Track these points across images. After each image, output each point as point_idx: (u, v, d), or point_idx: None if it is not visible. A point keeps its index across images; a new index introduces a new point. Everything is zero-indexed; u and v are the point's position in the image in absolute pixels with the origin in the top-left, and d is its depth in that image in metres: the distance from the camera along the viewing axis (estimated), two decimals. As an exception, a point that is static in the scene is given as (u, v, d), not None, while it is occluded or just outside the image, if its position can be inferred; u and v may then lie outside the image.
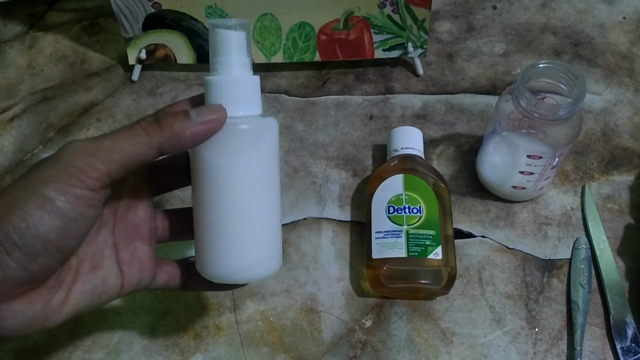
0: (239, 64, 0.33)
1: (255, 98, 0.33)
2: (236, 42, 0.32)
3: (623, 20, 0.64)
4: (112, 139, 0.29)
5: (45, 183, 0.28)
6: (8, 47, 0.65)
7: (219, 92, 0.32)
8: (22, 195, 0.28)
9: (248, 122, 0.32)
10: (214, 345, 0.47)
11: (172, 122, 0.30)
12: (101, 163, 0.29)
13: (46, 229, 0.28)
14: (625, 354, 0.45)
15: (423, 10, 0.56)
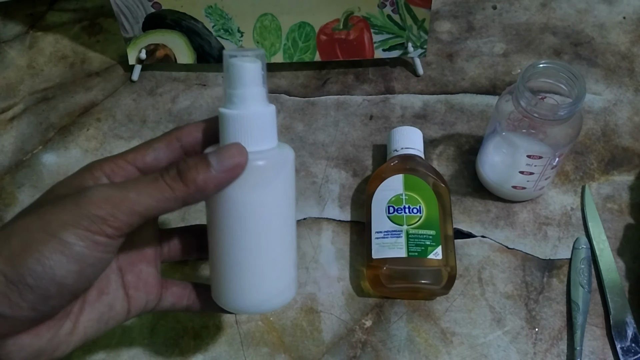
0: (256, 96, 0.32)
1: (272, 130, 0.33)
2: (252, 74, 0.31)
3: (623, 20, 0.64)
4: (137, 191, 0.29)
5: (65, 227, 0.27)
6: (8, 47, 0.65)
7: (236, 128, 0.31)
8: (40, 237, 0.27)
9: (265, 157, 0.32)
10: (214, 345, 0.47)
11: (195, 176, 0.29)
12: (124, 215, 0.29)
13: (63, 273, 0.28)
14: (625, 354, 0.45)
15: (423, 10, 0.56)
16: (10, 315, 0.28)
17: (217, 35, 0.59)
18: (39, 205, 0.30)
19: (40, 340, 0.30)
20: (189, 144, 0.34)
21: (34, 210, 0.29)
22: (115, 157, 0.33)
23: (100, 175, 0.32)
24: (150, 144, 0.33)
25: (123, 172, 0.32)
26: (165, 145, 0.33)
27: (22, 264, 0.27)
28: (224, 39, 0.59)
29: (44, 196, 0.32)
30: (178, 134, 0.33)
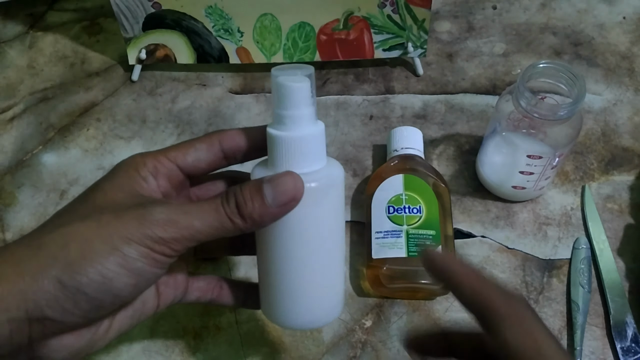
0: (306, 117, 0.31)
1: (322, 150, 0.32)
2: (302, 94, 0.31)
3: (623, 20, 0.64)
4: (201, 220, 0.29)
5: (129, 243, 0.28)
6: (8, 47, 0.65)
7: (286, 151, 0.31)
8: (102, 249, 0.27)
9: (317, 178, 0.31)
10: (214, 345, 0.47)
11: (252, 212, 0.30)
12: (186, 240, 0.29)
13: (120, 286, 0.28)
14: (625, 354, 0.45)
15: (423, 10, 0.56)
16: (60, 320, 0.28)
17: (217, 35, 0.59)
18: (93, 207, 0.30)
19: (82, 340, 0.31)
20: (229, 149, 0.34)
21: (91, 216, 0.29)
22: (158, 153, 0.33)
23: (146, 174, 0.32)
24: (192, 144, 0.34)
25: (165, 170, 0.33)
26: (206, 147, 0.33)
27: (81, 272, 0.27)
28: (224, 39, 0.59)
29: (91, 194, 0.31)
30: (220, 137, 0.34)
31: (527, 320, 0.26)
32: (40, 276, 0.27)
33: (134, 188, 0.31)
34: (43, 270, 0.27)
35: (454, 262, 0.30)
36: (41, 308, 0.27)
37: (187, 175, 0.34)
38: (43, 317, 0.27)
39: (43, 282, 0.27)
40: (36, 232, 0.29)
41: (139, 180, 0.32)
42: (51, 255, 0.27)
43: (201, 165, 0.33)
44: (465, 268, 0.29)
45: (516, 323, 0.26)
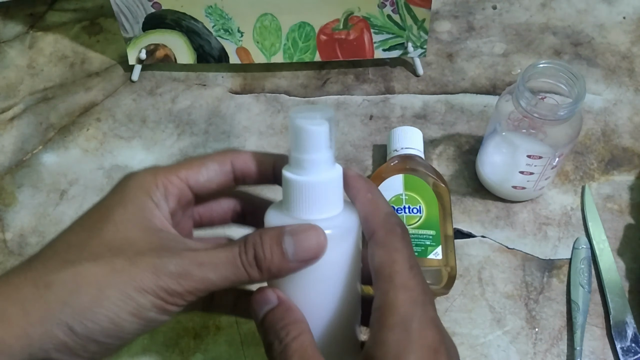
0: (323, 161, 0.30)
1: (339, 194, 0.31)
2: (320, 137, 0.30)
3: (623, 20, 0.64)
4: (216, 273, 0.28)
5: (143, 294, 0.27)
6: (8, 47, 0.65)
7: (303, 196, 0.30)
8: (115, 297, 0.27)
9: (333, 225, 0.30)
10: (214, 345, 0.47)
11: (270, 266, 0.29)
12: (199, 292, 0.29)
13: (131, 332, 0.28)
14: (625, 354, 0.45)
15: (423, 10, 0.56)
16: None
17: (217, 35, 0.59)
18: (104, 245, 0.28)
19: None
20: (240, 171, 0.33)
21: (104, 257, 0.28)
22: (169, 172, 0.31)
23: (159, 199, 0.30)
24: (203, 162, 0.32)
25: (176, 191, 0.31)
26: (219, 167, 0.32)
27: (93, 319, 0.27)
28: (224, 39, 0.59)
29: (101, 225, 0.29)
30: (233, 158, 0.32)
31: (392, 246, 0.28)
32: (48, 321, 0.26)
33: (147, 219, 0.30)
34: (52, 315, 0.26)
35: (356, 183, 0.31)
36: (47, 352, 0.26)
37: (195, 194, 0.33)
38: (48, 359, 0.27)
39: (52, 327, 0.26)
40: (40, 265, 0.28)
41: (151, 208, 0.30)
42: (61, 298, 0.26)
43: (212, 186, 0.32)
44: (362, 192, 0.31)
45: (383, 246, 0.28)
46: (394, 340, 0.25)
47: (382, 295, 0.27)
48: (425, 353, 0.26)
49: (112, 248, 0.28)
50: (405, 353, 0.25)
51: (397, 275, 0.27)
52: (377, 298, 0.27)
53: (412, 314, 0.26)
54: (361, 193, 0.31)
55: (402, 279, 0.27)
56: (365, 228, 0.30)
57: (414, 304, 0.27)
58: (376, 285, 0.28)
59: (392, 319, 0.26)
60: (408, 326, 0.26)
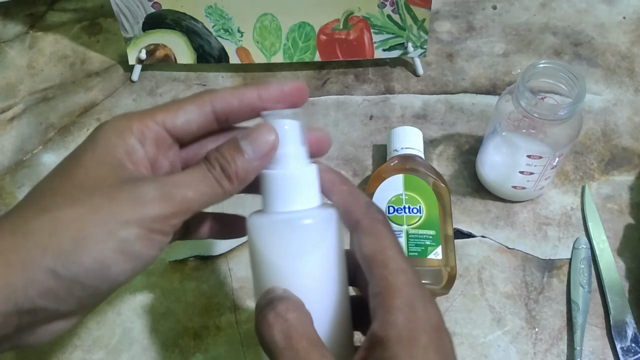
0: (297, 155, 0.31)
1: (314, 190, 0.31)
2: (292, 132, 0.31)
3: (623, 20, 0.64)
4: (194, 190, 0.28)
5: (126, 227, 0.27)
6: (8, 47, 0.65)
7: (278, 188, 0.30)
8: (98, 235, 0.26)
9: (311, 215, 0.30)
10: (214, 345, 0.47)
11: (236, 170, 0.29)
12: (182, 214, 0.28)
13: (118, 271, 0.27)
14: (625, 354, 0.45)
15: (423, 10, 0.56)
16: (54, 308, 0.27)
17: (217, 35, 0.59)
18: (77, 187, 0.28)
19: (71, 323, 0.30)
20: (221, 111, 0.32)
21: (80, 199, 0.27)
22: (143, 116, 0.31)
23: (133, 141, 0.30)
24: (181, 105, 0.31)
25: (153, 135, 0.30)
26: (197, 108, 0.31)
27: (76, 261, 0.26)
28: (224, 39, 0.59)
29: (70, 169, 0.29)
30: (211, 98, 0.32)
31: (380, 233, 0.29)
32: (30, 267, 0.25)
33: (116, 159, 0.29)
34: (33, 261, 0.25)
35: (329, 176, 0.31)
36: (32, 299, 0.26)
37: (175, 139, 0.32)
38: (35, 308, 0.26)
39: (34, 274, 0.25)
40: (16, 216, 0.27)
41: (121, 151, 0.29)
42: (41, 244, 0.26)
43: (191, 128, 0.31)
44: (338, 185, 0.31)
45: (372, 234, 0.29)
46: (403, 321, 0.26)
47: (381, 280, 0.27)
48: (433, 331, 0.26)
49: (86, 189, 0.27)
50: (416, 332, 0.26)
51: (391, 260, 0.28)
52: (374, 284, 0.28)
53: (415, 295, 0.27)
54: (337, 185, 0.31)
55: (397, 263, 0.28)
56: (347, 219, 0.30)
57: (414, 286, 0.27)
58: (371, 273, 0.28)
59: (398, 301, 0.26)
60: (414, 307, 0.26)
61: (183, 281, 0.50)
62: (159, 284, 0.50)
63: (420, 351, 0.25)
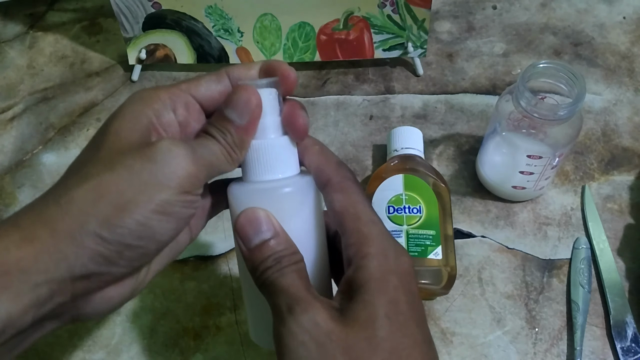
0: (274, 125, 0.32)
1: (293, 158, 0.32)
2: (267, 101, 0.31)
3: (623, 20, 0.64)
4: (212, 153, 0.30)
5: (164, 190, 0.28)
6: (8, 47, 0.65)
7: (257, 157, 0.31)
8: (138, 199, 0.27)
9: (290, 184, 0.31)
10: (214, 345, 0.47)
11: (233, 140, 0.30)
12: (208, 176, 0.30)
13: (162, 231, 0.28)
14: (625, 354, 0.45)
15: (423, 10, 0.56)
16: (107, 272, 0.28)
17: (217, 35, 0.59)
18: (115, 153, 0.29)
19: (126, 290, 0.30)
20: (236, 80, 0.34)
21: (120, 163, 0.28)
22: (169, 87, 0.33)
23: (160, 107, 0.31)
24: (202, 77, 0.34)
25: (182, 100, 0.32)
26: (216, 78, 0.34)
27: (120, 224, 0.27)
28: (224, 39, 0.59)
29: (104, 138, 0.30)
30: (227, 69, 0.34)
31: (350, 189, 0.31)
32: (77, 234, 0.26)
33: (146, 125, 0.30)
34: (80, 228, 0.26)
35: (307, 145, 0.33)
36: (85, 264, 0.27)
37: (201, 106, 0.34)
38: (88, 273, 0.27)
39: (82, 239, 0.26)
40: (60, 187, 0.28)
41: (150, 115, 0.31)
42: (85, 211, 0.27)
43: (214, 95, 0.33)
44: (310, 146, 0.33)
45: (342, 191, 0.31)
46: (376, 265, 0.28)
47: (354, 232, 0.29)
48: (403, 276, 0.29)
49: (122, 153, 0.29)
50: (388, 274, 0.28)
51: (363, 214, 0.30)
52: (347, 236, 0.30)
53: (387, 244, 0.29)
54: (309, 147, 0.33)
55: (368, 216, 0.30)
56: (319, 177, 0.32)
57: (385, 236, 0.30)
58: (344, 225, 0.30)
59: (371, 249, 0.29)
60: (387, 254, 0.29)
61: (183, 281, 0.50)
62: (159, 284, 0.50)
63: (390, 290, 0.28)
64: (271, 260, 0.29)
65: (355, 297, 0.28)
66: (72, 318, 0.29)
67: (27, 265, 0.26)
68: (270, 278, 0.29)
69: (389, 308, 0.27)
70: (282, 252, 0.30)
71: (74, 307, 0.29)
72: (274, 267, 0.29)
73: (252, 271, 0.30)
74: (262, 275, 0.29)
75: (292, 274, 0.29)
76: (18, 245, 0.26)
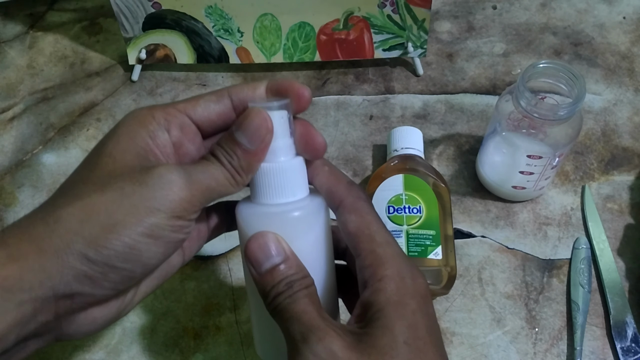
0: (284, 147, 0.31)
1: (303, 180, 0.32)
2: (279, 123, 0.31)
3: (623, 20, 0.64)
4: (215, 179, 0.30)
5: (154, 213, 0.27)
6: (8, 47, 0.65)
7: (267, 180, 0.31)
8: (127, 221, 0.27)
9: (299, 207, 0.31)
10: (214, 345, 0.47)
11: (240, 164, 0.30)
12: (205, 201, 0.30)
13: (150, 255, 0.28)
14: (625, 354, 0.45)
15: (423, 10, 0.56)
16: (90, 293, 0.28)
17: (217, 35, 0.59)
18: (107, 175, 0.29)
19: (110, 311, 0.30)
20: (238, 100, 0.33)
21: (110, 185, 0.28)
22: (165, 105, 0.32)
23: (155, 128, 0.31)
24: (201, 96, 0.33)
25: (177, 121, 0.31)
26: (216, 98, 0.33)
27: (107, 246, 0.27)
28: (224, 39, 0.59)
29: (98, 159, 0.30)
30: (229, 89, 0.33)
31: (363, 210, 0.31)
32: (63, 253, 0.26)
33: (142, 147, 0.30)
34: (66, 247, 0.26)
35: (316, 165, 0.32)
36: (69, 283, 0.26)
37: (198, 127, 0.33)
38: (71, 293, 0.27)
39: (67, 258, 0.26)
40: (48, 205, 0.28)
41: (145, 136, 0.30)
42: (72, 230, 0.26)
43: (212, 116, 0.32)
44: (320, 167, 0.32)
45: (355, 212, 0.31)
46: (393, 288, 0.28)
47: (370, 253, 0.29)
48: (421, 299, 0.29)
49: (115, 176, 0.28)
50: (406, 297, 0.28)
51: (377, 235, 0.30)
52: (362, 258, 0.29)
53: (403, 266, 0.29)
54: (318, 168, 0.32)
55: (383, 237, 0.30)
56: (331, 199, 0.32)
57: (401, 257, 0.29)
58: (358, 247, 0.30)
59: (388, 271, 0.28)
60: (403, 276, 0.29)
61: (183, 281, 0.50)
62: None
63: (408, 313, 0.28)
64: (282, 285, 0.29)
65: (373, 323, 0.27)
66: (56, 338, 0.29)
67: (11, 284, 0.26)
68: (282, 304, 0.29)
69: (408, 334, 0.27)
70: (293, 276, 0.29)
71: (57, 327, 0.28)
72: (286, 292, 0.29)
73: (264, 296, 0.30)
74: (274, 301, 0.29)
75: (304, 299, 0.29)
76: (3, 264, 0.26)
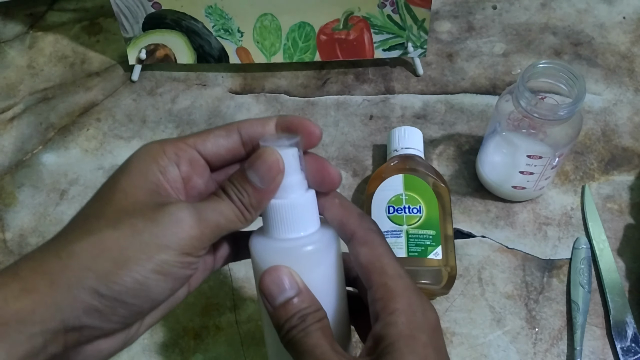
0: (295, 183, 0.32)
1: (314, 214, 0.33)
2: (290, 161, 0.31)
3: (623, 20, 0.64)
4: (224, 217, 0.30)
5: (164, 250, 0.28)
6: (8, 47, 0.65)
7: (280, 216, 0.32)
8: (138, 258, 0.28)
9: (311, 242, 0.32)
10: (214, 345, 0.47)
11: (250, 202, 0.31)
12: (213, 237, 0.30)
13: (159, 291, 0.29)
14: (625, 354, 0.45)
15: (423, 10, 0.56)
16: (99, 327, 0.28)
17: (217, 35, 0.59)
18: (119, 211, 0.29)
19: (117, 343, 0.31)
20: (247, 136, 0.33)
21: (122, 222, 0.29)
22: (175, 140, 0.32)
23: (166, 163, 0.31)
24: (210, 131, 0.33)
25: (187, 156, 0.32)
26: (225, 133, 0.33)
27: (117, 281, 0.27)
28: (224, 39, 0.59)
29: (111, 195, 0.30)
30: (239, 125, 0.33)
31: (375, 242, 0.31)
32: (74, 287, 0.27)
33: (154, 183, 0.31)
34: (78, 282, 0.27)
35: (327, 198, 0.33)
36: (78, 317, 0.27)
37: (207, 162, 0.33)
38: (81, 326, 0.27)
39: (78, 293, 0.27)
40: (61, 239, 0.29)
41: (157, 173, 0.31)
42: (84, 265, 0.27)
43: (221, 151, 0.33)
44: (330, 199, 0.33)
45: (367, 244, 0.31)
46: (404, 322, 0.28)
47: (381, 286, 0.29)
48: (432, 332, 0.29)
49: (127, 212, 0.29)
50: (417, 331, 0.28)
51: (388, 267, 0.30)
52: (374, 291, 0.30)
53: (414, 299, 0.29)
54: (329, 200, 0.33)
55: (395, 270, 0.30)
56: (343, 231, 0.32)
57: (412, 290, 0.29)
58: (370, 280, 0.30)
59: (399, 305, 0.29)
60: (414, 310, 0.29)
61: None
62: (159, 284, 0.50)
63: (420, 347, 0.28)
64: (296, 319, 0.30)
65: (385, 356, 0.28)
66: None
67: (24, 317, 0.26)
68: (296, 337, 0.29)
69: None
70: (306, 309, 0.30)
71: (65, 358, 0.29)
72: (299, 325, 0.29)
73: (278, 329, 0.30)
74: (288, 334, 0.30)
75: (317, 332, 0.29)
76: (17, 296, 0.26)
